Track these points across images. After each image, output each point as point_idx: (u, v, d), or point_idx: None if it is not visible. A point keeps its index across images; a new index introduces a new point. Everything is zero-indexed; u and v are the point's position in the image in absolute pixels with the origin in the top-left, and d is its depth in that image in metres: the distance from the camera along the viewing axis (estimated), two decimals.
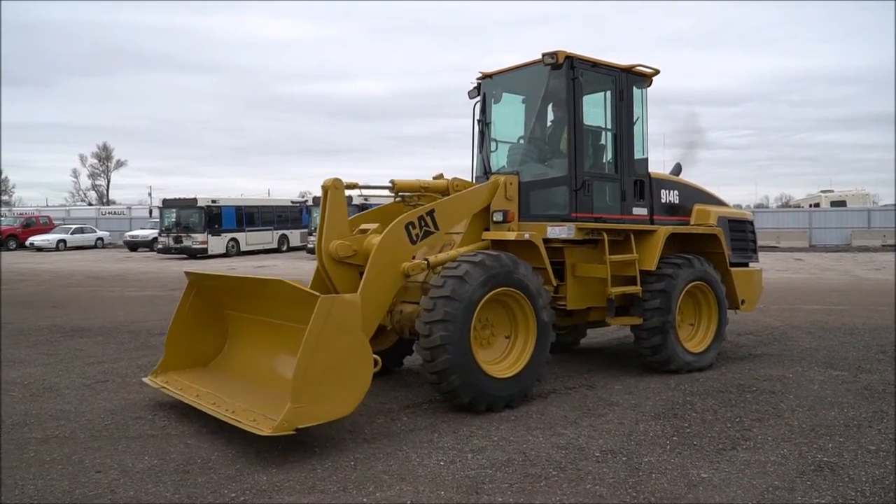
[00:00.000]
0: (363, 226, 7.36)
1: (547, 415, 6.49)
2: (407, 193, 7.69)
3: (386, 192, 7.60)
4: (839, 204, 45.81)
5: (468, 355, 6.34)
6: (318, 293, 5.62)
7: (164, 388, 6.67)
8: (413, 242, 6.89)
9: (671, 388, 7.48)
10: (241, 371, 6.84)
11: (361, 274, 6.65)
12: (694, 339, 8.54)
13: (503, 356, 6.90)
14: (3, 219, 49.44)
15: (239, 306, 7.06)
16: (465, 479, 4.88)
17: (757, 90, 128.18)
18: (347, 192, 7.11)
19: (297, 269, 26.12)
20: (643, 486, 4.74)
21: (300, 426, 5.24)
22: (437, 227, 7.11)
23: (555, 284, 7.54)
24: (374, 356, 5.83)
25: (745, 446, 5.58)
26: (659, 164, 8.93)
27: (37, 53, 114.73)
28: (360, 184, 7.32)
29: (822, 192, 51.15)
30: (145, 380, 7.01)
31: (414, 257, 7.01)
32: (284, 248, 38.11)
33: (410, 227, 6.91)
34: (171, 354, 7.09)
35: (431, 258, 7.04)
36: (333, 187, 6.92)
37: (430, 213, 7.08)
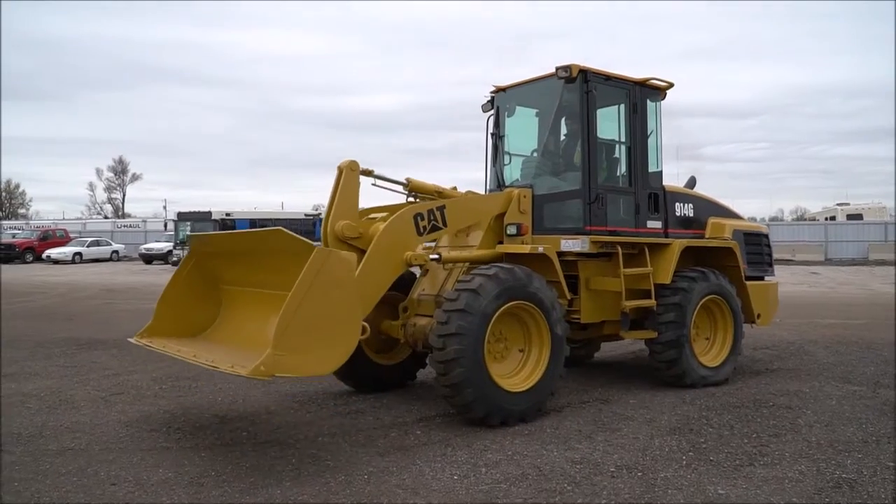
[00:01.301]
0: (372, 215, 7.33)
1: (561, 429, 6.45)
2: (420, 195, 7.67)
3: (399, 189, 7.59)
4: (855, 217, 45.45)
5: (482, 369, 6.32)
6: (315, 244, 5.55)
7: (147, 346, 6.58)
8: (419, 234, 6.86)
9: (687, 403, 7.41)
10: (229, 339, 6.73)
11: None
12: (709, 353, 8.47)
13: (517, 370, 6.87)
14: (21, 232, 49.92)
15: (236, 278, 6.92)
16: (478, 493, 4.85)
17: (772, 103, 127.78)
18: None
19: None
20: (659, 503, 4.69)
21: (278, 374, 5.12)
22: (445, 224, 7.08)
23: (569, 298, 7.51)
24: (364, 323, 5.78)
25: (762, 462, 5.52)
26: (672, 177, 8.92)
27: (55, 68, 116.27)
28: (376, 173, 7.30)
29: (838, 205, 50.75)
30: (131, 340, 6.88)
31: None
32: None
33: (419, 217, 6.89)
34: (160, 320, 6.97)
35: (444, 253, 7.04)
36: (349, 169, 6.90)
37: (441, 208, 7.06)
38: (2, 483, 5.05)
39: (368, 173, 7.21)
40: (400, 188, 7.55)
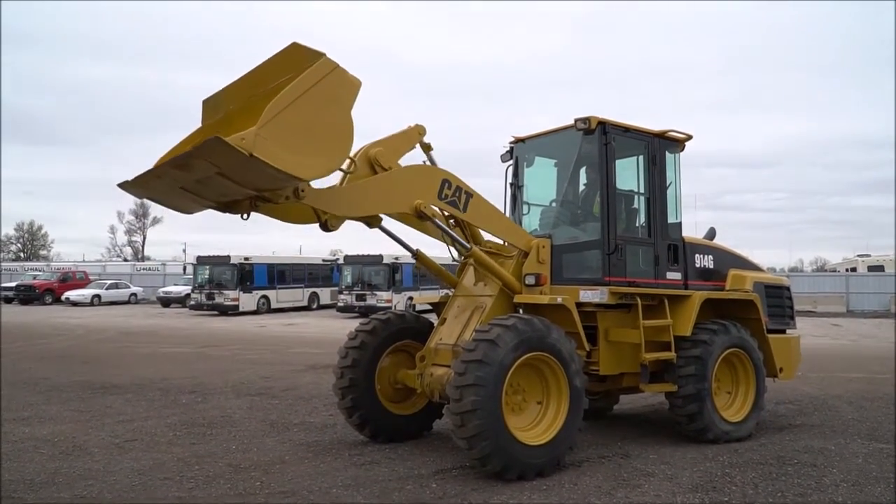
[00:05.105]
0: None
1: (580, 485, 6.31)
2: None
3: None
4: (877, 269, 44.91)
5: (499, 421, 6.23)
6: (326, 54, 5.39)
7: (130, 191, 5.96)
8: (438, 196, 6.92)
9: (709, 459, 7.24)
10: None
11: None
12: (731, 407, 8.30)
13: (535, 422, 6.76)
14: (41, 273, 50.47)
15: None
16: None
17: (790, 153, 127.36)
18: None
19: (328, 326, 26.18)
20: None
21: (256, 154, 4.92)
22: (464, 210, 7.13)
23: (587, 349, 7.43)
24: (350, 157, 5.87)
25: None
26: (691, 227, 8.87)
27: (83, 112, 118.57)
28: (432, 154, 7.58)
29: (858, 256, 50.26)
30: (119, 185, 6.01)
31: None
32: (315, 305, 38.26)
33: (447, 184, 6.98)
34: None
35: (475, 249, 7.23)
36: (416, 130, 7.28)
37: (469, 195, 7.14)
38: None
39: (427, 148, 7.51)
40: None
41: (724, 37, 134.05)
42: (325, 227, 6.74)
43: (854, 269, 46.35)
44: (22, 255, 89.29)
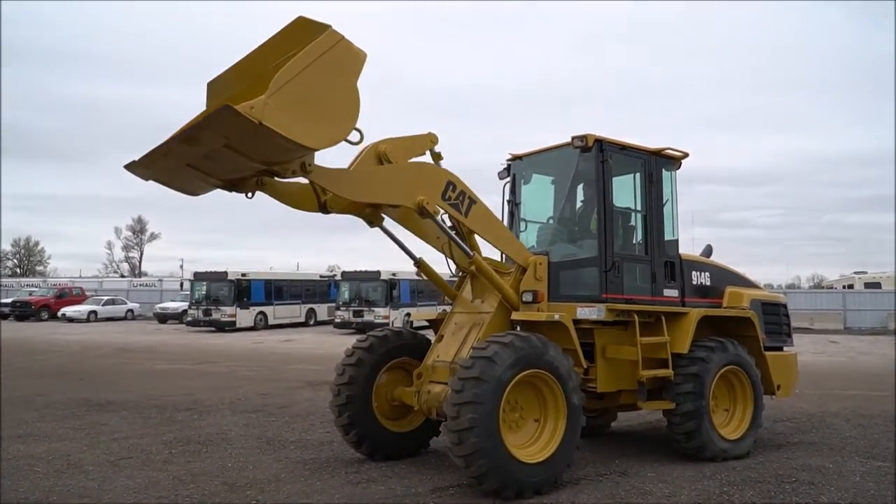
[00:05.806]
0: None
1: (578, 503, 6.28)
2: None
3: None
4: (873, 286, 44.98)
5: (497, 439, 6.21)
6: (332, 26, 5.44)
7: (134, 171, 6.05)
8: (441, 196, 6.93)
9: (707, 478, 7.22)
10: None
11: None
12: (729, 425, 8.28)
13: (533, 440, 6.74)
14: (38, 289, 50.33)
15: None
16: None
17: (787, 170, 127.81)
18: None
19: (325, 343, 26.12)
20: None
21: (265, 122, 4.95)
22: (465, 215, 7.15)
23: (585, 366, 7.41)
24: (358, 129, 5.86)
25: None
26: (688, 244, 8.90)
27: (81, 130, 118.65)
28: (442, 164, 7.58)
29: (855, 273, 50.33)
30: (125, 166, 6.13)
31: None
32: (312, 321, 38.14)
33: (451, 186, 7.00)
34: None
35: (478, 257, 7.27)
36: (429, 138, 7.48)
37: (472, 201, 7.16)
38: None
39: (437, 157, 7.57)
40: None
41: (721, 55, 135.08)
42: (325, 209, 6.81)
43: (851, 286, 46.43)
44: (18, 270, 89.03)
